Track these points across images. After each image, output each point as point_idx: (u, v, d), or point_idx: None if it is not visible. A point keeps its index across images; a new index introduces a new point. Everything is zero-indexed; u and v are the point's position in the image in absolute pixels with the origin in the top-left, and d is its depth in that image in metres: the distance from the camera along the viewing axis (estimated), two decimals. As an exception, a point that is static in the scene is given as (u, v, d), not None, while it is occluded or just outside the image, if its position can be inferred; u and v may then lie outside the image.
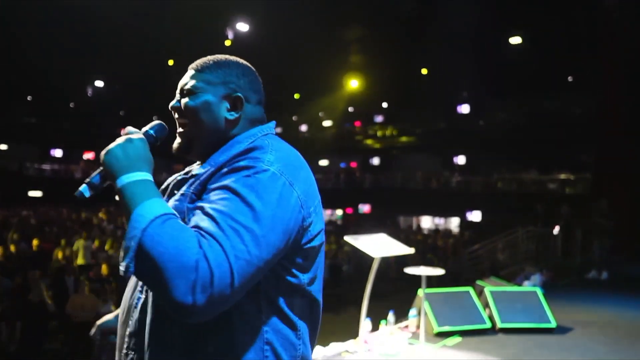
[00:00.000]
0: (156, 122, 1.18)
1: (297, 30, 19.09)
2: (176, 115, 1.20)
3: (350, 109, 29.01)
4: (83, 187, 1.06)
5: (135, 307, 1.10)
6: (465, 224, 21.06)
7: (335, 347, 3.48)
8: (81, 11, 18.36)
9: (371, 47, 21.38)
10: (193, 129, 1.18)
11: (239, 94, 1.18)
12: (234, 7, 17.61)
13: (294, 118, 31.34)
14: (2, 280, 6.66)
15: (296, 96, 26.01)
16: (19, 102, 29.21)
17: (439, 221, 23.42)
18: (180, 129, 1.20)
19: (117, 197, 1.01)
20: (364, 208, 24.99)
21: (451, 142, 24.46)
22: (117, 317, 1.33)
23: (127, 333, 1.11)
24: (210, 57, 1.22)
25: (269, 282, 1.04)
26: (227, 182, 1.01)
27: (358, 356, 3.37)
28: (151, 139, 1.13)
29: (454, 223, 22.76)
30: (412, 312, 4.20)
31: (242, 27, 17.46)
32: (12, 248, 9.84)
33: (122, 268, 0.93)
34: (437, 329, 3.98)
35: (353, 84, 23.17)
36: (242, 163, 1.04)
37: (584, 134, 19.49)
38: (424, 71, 21.98)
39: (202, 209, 0.99)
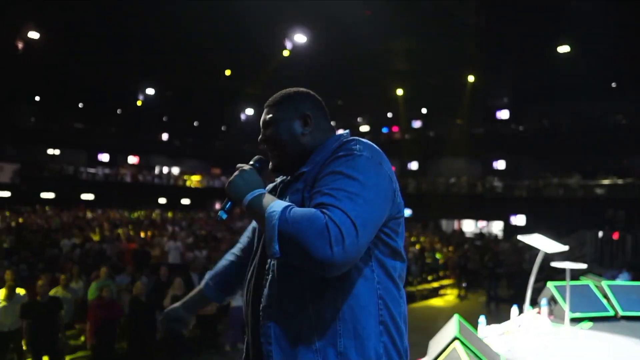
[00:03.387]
0: (257, 156, 1.49)
1: (343, 38, 19.62)
2: (265, 146, 1.50)
3: (389, 114, 29.56)
4: (221, 213, 1.38)
5: (265, 286, 1.36)
6: (509, 228, 21.43)
7: (496, 327, 4.13)
8: (134, 21, 19.13)
9: (413, 54, 21.77)
10: (280, 151, 1.46)
11: (307, 112, 1.46)
12: (288, 19, 18.30)
13: (332, 123, 31.97)
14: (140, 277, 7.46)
15: (339, 102, 26.61)
16: (71, 109, 30.57)
17: (482, 225, 23.79)
18: (271, 154, 1.50)
19: (247, 212, 1.30)
20: (407, 212, 25.50)
21: (490, 147, 24.81)
22: (184, 305, 1.76)
23: (261, 308, 1.35)
24: (277, 93, 1.51)
25: (377, 246, 1.30)
26: (332, 168, 1.27)
27: (521, 334, 4.01)
28: (256, 168, 1.44)
29: (496, 227, 23.13)
30: (543, 301, 4.81)
31: (299, 38, 18.09)
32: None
33: (270, 252, 1.18)
34: (570, 315, 4.59)
35: (398, 92, 23.67)
36: (340, 153, 1.30)
37: (627, 140, 19.75)
38: (470, 79, 22.31)
39: (319, 192, 1.23)
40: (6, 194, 24.70)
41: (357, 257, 1.17)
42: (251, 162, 1.46)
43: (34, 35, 19.98)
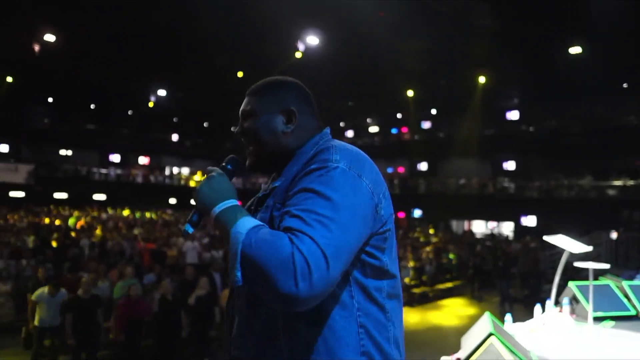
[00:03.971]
0: (230, 156, 1.35)
1: (353, 40, 19.73)
2: (242, 139, 1.35)
3: (399, 115, 29.62)
4: (187, 226, 1.24)
5: (236, 312, 1.25)
6: (519, 229, 21.45)
7: (521, 325, 4.24)
8: (146, 23, 19.32)
9: (423, 55, 21.80)
10: (258, 148, 1.32)
11: (292, 108, 1.30)
12: (300, 21, 18.45)
13: (341, 124, 32.15)
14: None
15: (349, 103, 26.73)
16: (83, 111, 30.96)
17: (492, 226, 23.82)
18: (248, 149, 1.35)
19: (215, 227, 1.16)
20: (417, 212, 25.59)
21: (500, 148, 24.85)
22: None
23: (232, 335, 1.25)
24: (261, 81, 1.38)
25: (356, 268, 1.16)
26: (304, 184, 1.12)
27: (547, 332, 4.12)
28: (229, 171, 1.30)
29: (506, 228, 23.16)
30: (565, 300, 4.91)
31: (312, 40, 18.25)
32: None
33: (232, 279, 1.06)
34: (593, 314, 4.69)
35: (407, 93, 23.77)
36: (313, 166, 1.15)
37: (639, 140, 19.72)
38: (480, 80, 22.33)
39: (287, 212, 1.10)
40: (21, 194, 25.07)
41: (327, 290, 1.04)
42: (223, 164, 1.33)
43: (47, 38, 20.22)
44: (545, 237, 4.29)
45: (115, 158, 32.93)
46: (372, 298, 1.18)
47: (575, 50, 17.73)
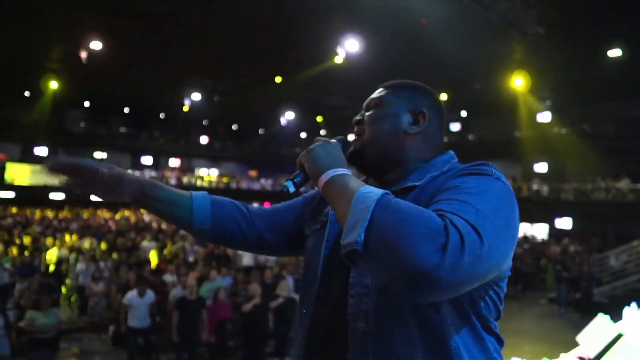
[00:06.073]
0: (340, 136, 1.23)
1: (389, 45, 19.91)
2: (356, 129, 1.23)
3: (428, 118, 29.68)
4: (288, 183, 1.12)
5: (360, 316, 1.05)
6: (554, 231, 21.44)
7: (615, 325, 4.51)
8: (183, 29, 19.72)
9: (454, 57, 21.77)
10: (369, 136, 1.19)
11: (423, 110, 1.19)
12: (336, 26, 18.69)
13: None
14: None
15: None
16: (118, 115, 31.78)
17: (525, 228, 23.80)
18: (357, 138, 1.22)
19: (324, 191, 1.01)
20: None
21: (531, 150, 24.79)
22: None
23: (351, 331, 1.05)
24: (400, 80, 1.29)
25: (487, 306, 1.06)
26: (459, 182, 0.98)
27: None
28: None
29: (539, 230, 23.12)
30: (650, 304, 5.15)
31: (349, 45, 18.52)
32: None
33: (348, 240, 0.85)
34: (680, 318, 4.92)
35: (442, 97, 23.88)
36: (471, 170, 1.03)
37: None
38: (511, 81, 22.30)
39: (437, 201, 0.94)
40: (61, 196, 25.83)
41: (466, 286, 0.86)
42: (333, 140, 1.18)
43: (88, 44, 20.76)
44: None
45: (147, 160, 33.63)
46: (495, 333, 1.10)
47: (615, 53, 17.67)
